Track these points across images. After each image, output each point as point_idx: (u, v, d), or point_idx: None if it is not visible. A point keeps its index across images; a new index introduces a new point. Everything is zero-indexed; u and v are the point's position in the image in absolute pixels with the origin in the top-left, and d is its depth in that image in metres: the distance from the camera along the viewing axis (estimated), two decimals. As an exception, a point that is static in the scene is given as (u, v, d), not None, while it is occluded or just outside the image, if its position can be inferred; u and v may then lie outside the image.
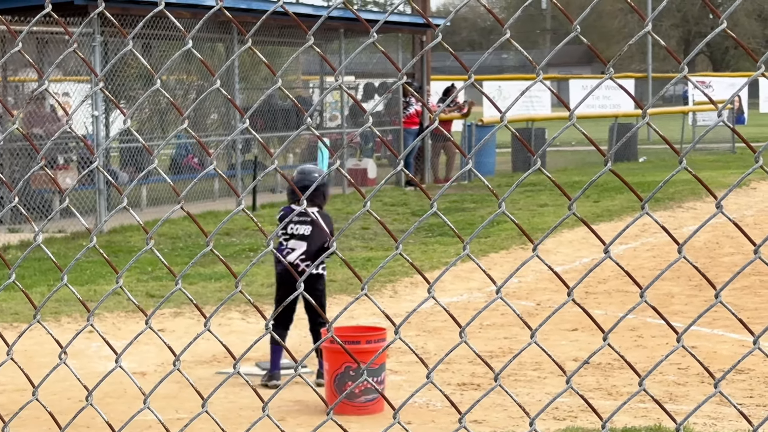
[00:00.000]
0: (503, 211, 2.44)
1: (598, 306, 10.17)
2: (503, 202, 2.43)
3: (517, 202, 18.05)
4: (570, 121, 2.45)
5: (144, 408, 2.62)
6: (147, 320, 2.69)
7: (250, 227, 15.16)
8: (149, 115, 18.97)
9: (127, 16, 15.08)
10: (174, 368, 2.64)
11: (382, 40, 23.50)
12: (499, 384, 2.60)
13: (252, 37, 2.48)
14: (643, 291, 2.46)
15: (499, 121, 2.54)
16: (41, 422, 6.38)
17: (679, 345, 2.46)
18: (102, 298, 2.72)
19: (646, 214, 2.44)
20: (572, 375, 2.31)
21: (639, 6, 41.69)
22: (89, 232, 2.64)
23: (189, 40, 2.54)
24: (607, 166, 2.46)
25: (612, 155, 2.39)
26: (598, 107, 36.66)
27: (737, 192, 19.41)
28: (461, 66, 2.53)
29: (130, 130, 2.70)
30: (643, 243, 13.75)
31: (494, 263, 12.29)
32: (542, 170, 2.43)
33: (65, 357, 2.44)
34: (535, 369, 7.93)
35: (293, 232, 7.48)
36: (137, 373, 7.80)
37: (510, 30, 2.49)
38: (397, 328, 2.52)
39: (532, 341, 2.57)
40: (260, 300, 10.06)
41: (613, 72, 2.38)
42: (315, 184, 2.79)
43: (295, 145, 22.06)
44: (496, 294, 2.52)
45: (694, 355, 2.47)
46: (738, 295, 10.61)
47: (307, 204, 7.36)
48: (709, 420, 6.50)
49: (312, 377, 7.70)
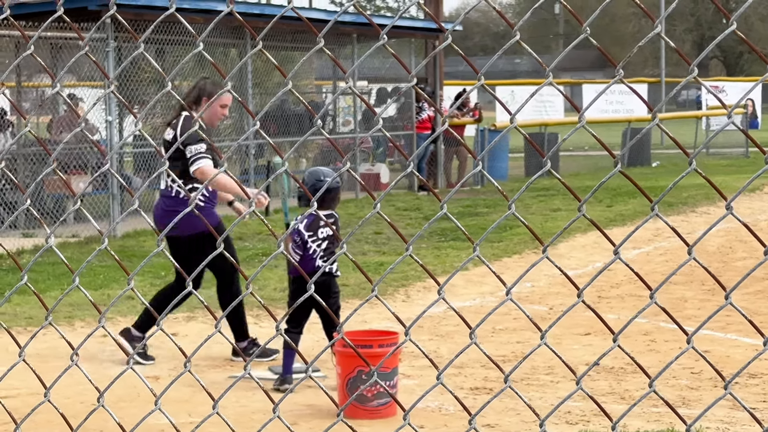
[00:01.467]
0: (513, 213, 2.45)
1: (611, 310, 10.15)
2: (513, 204, 2.44)
3: (530, 207, 18.03)
4: (580, 123, 2.46)
5: (155, 410, 2.63)
6: (158, 322, 2.71)
7: (263, 232, 15.19)
8: (162, 121, 19.01)
9: (141, 21, 15.13)
10: (185, 370, 2.65)
11: (395, 45, 23.52)
12: (509, 386, 2.61)
13: (265, 41, 2.50)
14: (653, 293, 2.46)
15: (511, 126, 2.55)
16: (54, 425, 6.39)
17: (689, 346, 2.47)
18: (113, 300, 2.74)
19: (657, 217, 2.45)
20: (582, 376, 2.32)
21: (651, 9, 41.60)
22: (102, 236, 2.65)
23: (200, 43, 2.56)
24: (617, 168, 2.47)
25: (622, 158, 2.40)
26: (612, 112, 36.61)
27: (750, 196, 19.36)
28: (473, 70, 2.54)
29: (142, 133, 2.72)
30: (656, 247, 13.73)
31: (507, 267, 12.29)
32: (552, 172, 2.44)
33: (77, 359, 2.45)
34: (548, 373, 7.93)
35: (319, 236, 7.52)
36: (150, 377, 7.82)
37: (521, 33, 2.50)
38: (407, 329, 2.53)
39: (542, 342, 2.58)
40: (273, 304, 10.08)
41: (623, 74, 2.38)
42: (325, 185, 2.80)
43: (307, 149, 22.08)
44: (506, 296, 2.53)
45: (705, 357, 2.48)
46: (752, 300, 10.59)
47: (323, 206, 7.43)
48: (722, 424, 6.49)
49: (325, 381, 7.71)
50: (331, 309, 7.42)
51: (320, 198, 7.46)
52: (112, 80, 3.28)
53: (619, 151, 26.98)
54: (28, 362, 2.77)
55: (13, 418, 2.66)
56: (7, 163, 15.88)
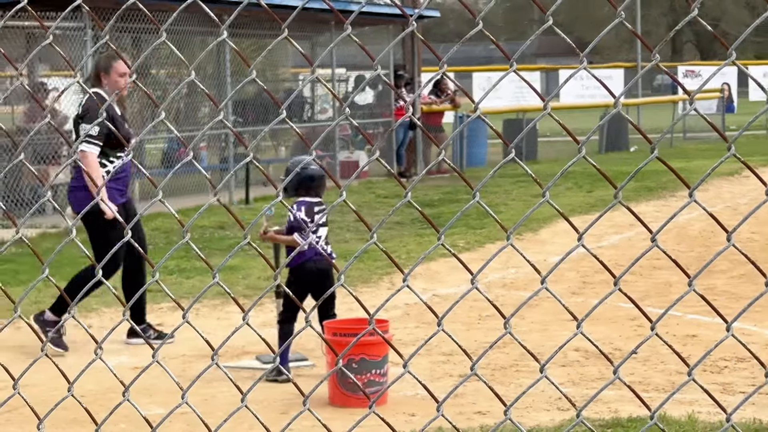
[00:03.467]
0: (478, 201, 2.43)
1: (596, 295, 10.15)
2: (477, 192, 2.42)
3: (510, 193, 18.03)
4: (545, 111, 2.46)
5: (124, 401, 2.60)
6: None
7: (245, 221, 15.11)
8: (139, 110, 18.89)
9: (119, 10, 15.00)
10: (152, 361, 2.62)
11: (372, 32, 23.46)
12: (474, 372, 2.60)
13: (241, 29, 2.46)
14: (617, 279, 2.47)
15: (489, 112, 2.52)
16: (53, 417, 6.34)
17: (653, 333, 2.48)
18: (84, 291, 2.70)
19: (638, 202, 2.43)
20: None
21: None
22: (75, 228, 2.61)
23: (163, 33, 2.52)
24: (581, 154, 2.46)
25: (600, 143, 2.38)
26: (588, 97, 36.63)
27: (731, 180, 19.41)
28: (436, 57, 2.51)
29: (105, 123, 2.68)
30: (638, 233, 13.74)
31: (489, 254, 12.27)
32: (516, 160, 2.44)
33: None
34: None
35: (320, 222, 7.57)
36: (138, 368, 7.76)
37: (489, 21, 2.48)
38: (371, 317, 2.50)
39: (507, 332, 2.57)
40: (258, 294, 10.03)
41: (586, 62, 2.38)
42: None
43: (286, 138, 22.00)
44: (471, 284, 2.50)
45: (668, 342, 2.47)
46: (735, 284, 10.60)
47: (310, 193, 7.44)
48: (714, 409, 6.49)
49: (313, 370, 7.67)
50: (333, 297, 7.42)
51: (308, 186, 7.46)
52: (78, 69, 3.22)
53: (596, 137, 27.01)
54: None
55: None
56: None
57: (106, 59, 8.22)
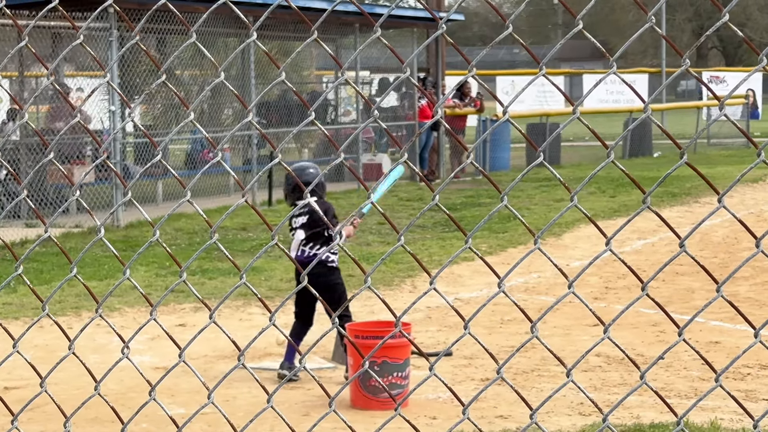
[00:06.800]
0: (506, 205, 2.43)
1: (619, 301, 10.12)
2: (506, 196, 2.42)
3: (533, 197, 18.00)
4: (574, 115, 2.45)
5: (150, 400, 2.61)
6: (152, 311, 2.68)
7: (270, 223, 15.14)
8: (162, 111, 18.95)
9: (144, 11, 15.07)
10: (179, 360, 2.63)
11: (397, 35, 23.47)
12: (501, 376, 2.59)
13: (266, 31, 2.48)
14: (645, 285, 2.45)
15: (512, 116, 2.51)
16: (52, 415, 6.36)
17: (680, 339, 2.47)
18: (110, 290, 2.71)
19: (660, 207, 2.42)
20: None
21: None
22: (103, 227, 2.62)
23: (193, 34, 2.53)
24: (610, 158, 2.45)
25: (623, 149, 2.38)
26: (612, 102, 36.54)
27: (754, 187, 19.34)
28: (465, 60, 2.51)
29: (134, 123, 2.69)
30: (661, 238, 13.69)
31: (513, 258, 12.25)
32: (545, 164, 2.43)
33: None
34: (559, 364, 7.90)
35: (294, 225, 7.73)
36: (160, 368, 7.78)
37: (519, 24, 2.48)
38: (398, 320, 2.50)
39: (534, 335, 2.56)
40: (280, 295, 10.05)
41: (615, 68, 2.37)
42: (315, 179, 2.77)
43: (309, 140, 22.03)
44: (498, 288, 2.49)
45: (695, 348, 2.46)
46: (759, 290, 10.56)
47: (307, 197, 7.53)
48: (736, 416, 6.46)
49: (334, 372, 7.69)
50: (337, 300, 7.37)
51: (313, 191, 7.71)
52: (107, 70, 3.23)
53: (621, 143, 26.93)
54: (24, 354, 2.73)
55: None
56: (11, 153, 15.84)
57: None
